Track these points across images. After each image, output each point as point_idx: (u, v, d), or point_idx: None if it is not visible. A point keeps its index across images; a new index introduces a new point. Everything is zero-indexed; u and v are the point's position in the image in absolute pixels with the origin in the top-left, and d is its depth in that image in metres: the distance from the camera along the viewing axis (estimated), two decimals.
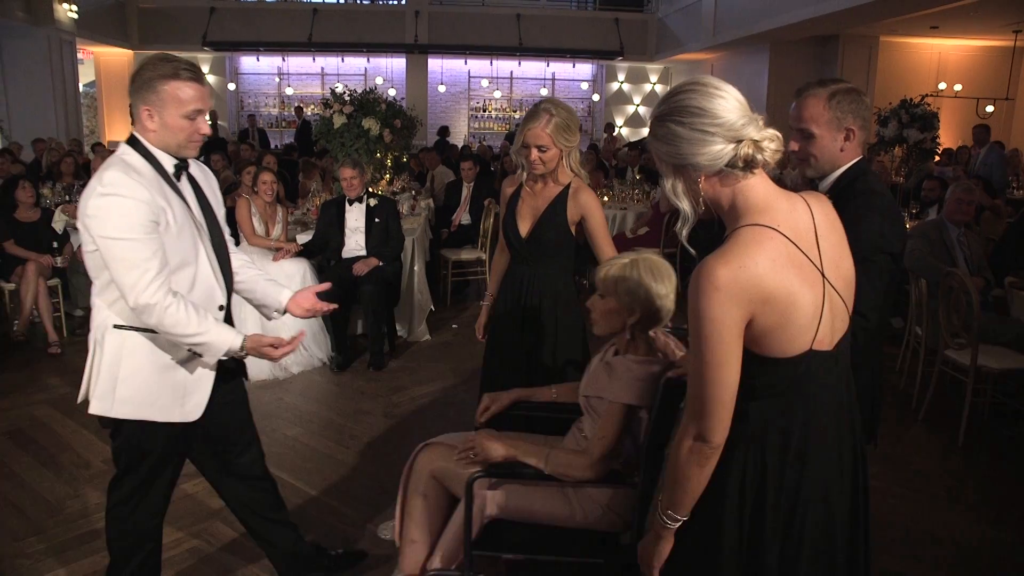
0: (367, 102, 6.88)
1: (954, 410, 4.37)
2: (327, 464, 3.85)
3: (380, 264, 5.44)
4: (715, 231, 1.56)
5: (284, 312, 2.57)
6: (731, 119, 1.45)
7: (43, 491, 3.55)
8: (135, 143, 2.19)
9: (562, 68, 17.42)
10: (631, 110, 17.67)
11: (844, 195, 2.18)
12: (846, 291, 1.58)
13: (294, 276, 5.33)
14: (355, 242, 5.61)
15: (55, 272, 5.92)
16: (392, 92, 12.70)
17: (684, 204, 1.54)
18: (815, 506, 1.56)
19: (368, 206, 5.60)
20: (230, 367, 2.41)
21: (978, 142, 10.01)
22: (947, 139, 12.24)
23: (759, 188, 1.51)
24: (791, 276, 1.46)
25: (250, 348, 2.24)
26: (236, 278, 2.48)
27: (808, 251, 1.50)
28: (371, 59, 16.72)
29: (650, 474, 2.14)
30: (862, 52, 12.53)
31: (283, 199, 6.42)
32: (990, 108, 12.60)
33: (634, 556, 1.76)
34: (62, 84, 12.22)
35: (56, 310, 5.83)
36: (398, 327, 5.95)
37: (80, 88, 13.52)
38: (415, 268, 6.06)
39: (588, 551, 2.24)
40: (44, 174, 9.07)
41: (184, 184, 2.27)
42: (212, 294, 2.32)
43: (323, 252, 5.70)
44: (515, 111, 17.49)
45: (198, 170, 2.38)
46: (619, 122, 17.41)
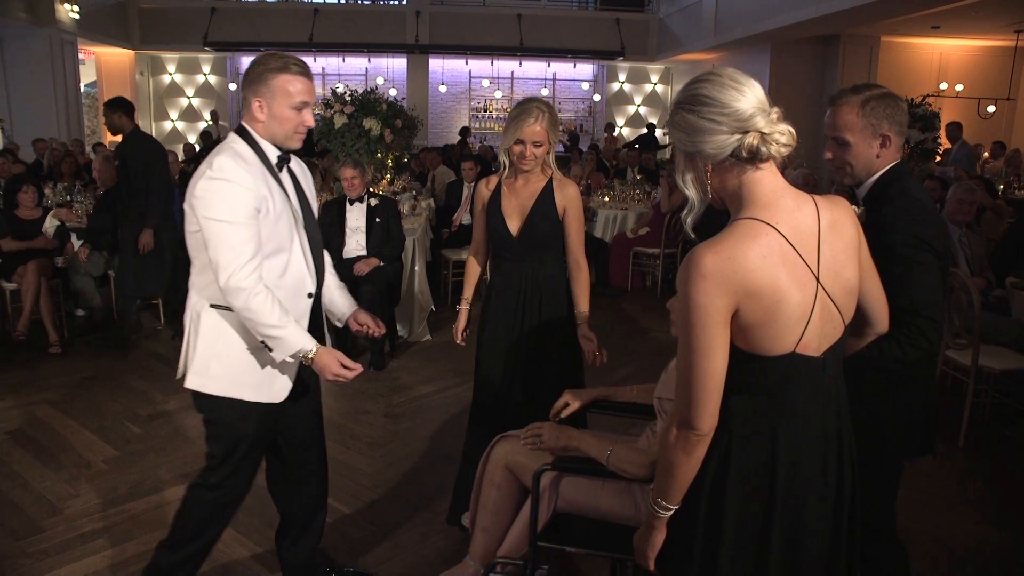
0: (368, 102, 6.88)
1: (955, 410, 4.37)
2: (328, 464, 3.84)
3: (381, 264, 5.44)
4: (724, 222, 1.56)
5: (343, 323, 2.70)
6: (739, 109, 1.46)
7: (44, 491, 3.55)
8: (244, 133, 2.31)
9: (563, 68, 17.42)
10: (632, 110, 17.66)
11: (879, 200, 2.17)
12: (844, 300, 1.56)
13: None
14: (356, 242, 5.61)
15: (56, 272, 5.92)
16: (393, 92, 12.70)
17: (691, 192, 1.57)
18: (786, 516, 1.55)
19: (369, 206, 5.59)
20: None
21: (951, 139, 10.13)
22: (948, 140, 12.23)
23: (765, 182, 1.51)
24: (780, 274, 1.46)
25: (318, 358, 2.30)
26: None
27: (804, 252, 1.50)
28: (372, 59, 16.72)
29: None
30: (863, 52, 12.52)
31: None
32: (991, 108, 12.59)
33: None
34: (63, 84, 12.22)
35: (57, 310, 5.83)
36: (399, 327, 5.95)
37: (81, 88, 13.53)
38: (416, 268, 6.05)
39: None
40: (45, 174, 9.08)
41: (285, 175, 2.38)
42: (303, 282, 2.41)
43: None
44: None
45: (297, 166, 2.50)
46: (620, 122, 17.41)
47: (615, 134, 15.45)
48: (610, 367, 3.44)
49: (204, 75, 16.89)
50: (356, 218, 5.61)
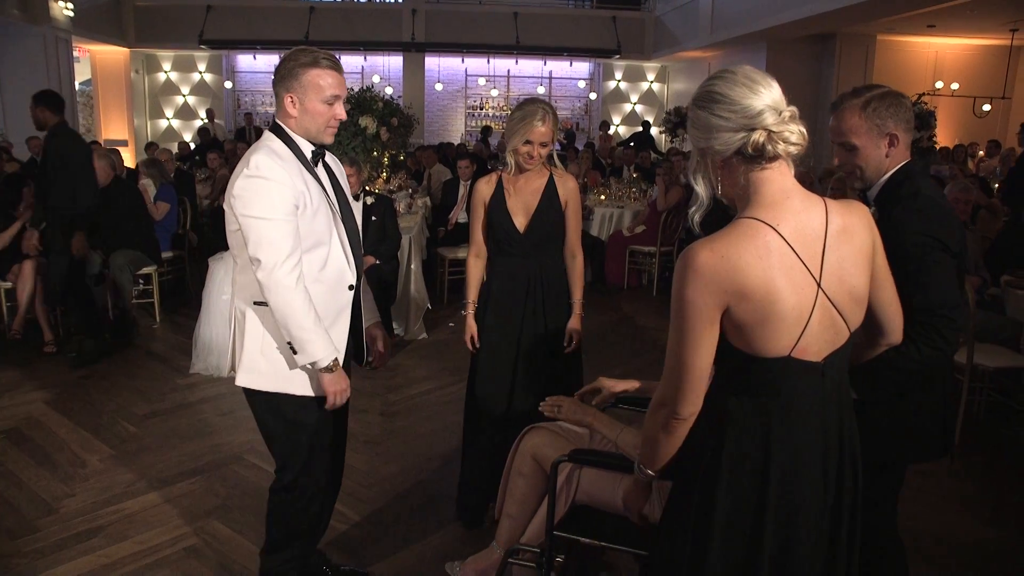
0: (364, 100, 6.87)
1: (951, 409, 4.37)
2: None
3: (377, 262, 5.43)
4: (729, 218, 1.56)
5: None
6: (748, 105, 1.46)
7: (39, 490, 3.54)
8: (278, 130, 2.34)
9: (559, 66, 17.39)
10: (628, 108, 17.65)
11: (889, 201, 2.13)
12: (849, 306, 1.55)
13: None
14: None
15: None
16: (389, 90, 12.67)
17: (700, 188, 1.58)
18: (779, 519, 1.54)
19: (365, 204, 5.59)
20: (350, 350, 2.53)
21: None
22: (944, 138, 12.26)
23: (773, 182, 1.50)
24: (775, 276, 1.45)
25: (336, 373, 2.32)
26: None
27: (806, 256, 1.49)
28: (368, 57, 16.68)
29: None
30: (859, 51, 12.53)
31: None
32: (987, 107, 12.61)
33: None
34: (58, 82, 12.16)
35: (52, 309, 5.80)
36: (395, 325, 5.95)
37: (76, 86, 13.48)
38: (412, 267, 6.05)
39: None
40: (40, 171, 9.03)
41: (320, 170, 2.42)
42: (343, 274, 2.43)
43: None
44: (512, 109, 17.42)
45: (332, 160, 2.53)
46: (616, 120, 17.40)
47: (610, 132, 15.45)
48: (607, 364, 3.46)
49: (200, 73, 16.84)
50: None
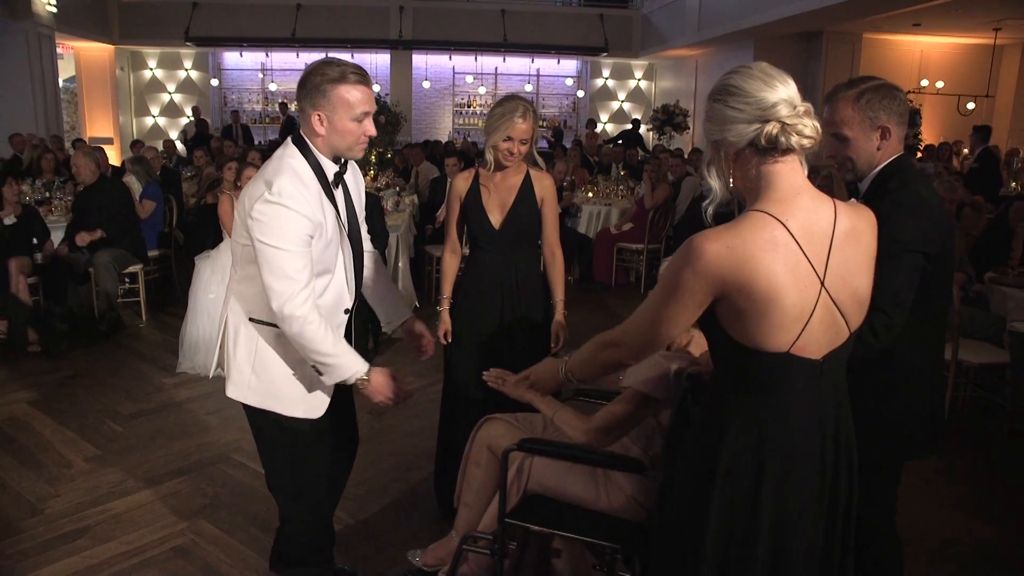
0: None
1: None
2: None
3: None
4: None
5: (395, 328, 2.74)
6: (763, 98, 1.48)
7: (23, 491, 3.51)
8: (303, 147, 2.23)
9: (547, 64, 17.39)
10: (616, 106, 17.67)
11: (877, 194, 2.12)
12: (851, 307, 1.55)
13: None
14: None
15: (35, 269, 5.85)
16: (376, 88, 12.66)
17: (714, 181, 1.58)
18: (774, 515, 1.54)
19: None
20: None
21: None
22: (929, 135, 12.35)
23: (784, 176, 1.51)
24: (778, 271, 1.45)
25: (372, 380, 2.29)
26: (367, 280, 2.62)
27: (812, 255, 1.49)
28: (355, 55, 16.57)
29: (670, 469, 2.15)
30: (845, 49, 12.59)
31: None
32: (971, 105, 12.70)
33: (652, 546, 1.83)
34: (41, 79, 12.06)
35: (36, 308, 5.76)
36: (382, 323, 5.91)
37: (60, 83, 13.37)
38: (399, 264, 6.04)
39: (608, 535, 2.29)
40: (24, 169, 8.97)
41: (339, 192, 2.33)
42: (340, 299, 2.40)
43: None
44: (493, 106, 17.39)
45: (351, 173, 2.44)
46: (604, 118, 17.43)
47: (596, 130, 15.46)
48: None
49: (186, 71, 16.74)
50: None
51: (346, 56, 16.46)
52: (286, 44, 15.52)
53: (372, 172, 7.52)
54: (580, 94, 17.56)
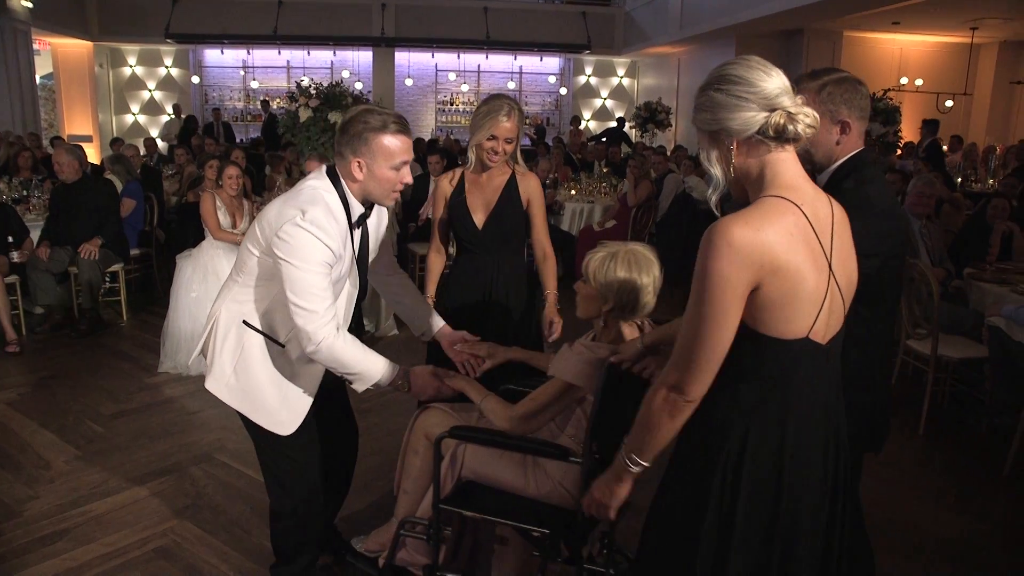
0: (333, 95, 6.83)
1: (916, 399, 4.46)
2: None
3: None
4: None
5: (431, 338, 2.79)
6: (767, 88, 1.50)
7: (1, 493, 3.47)
8: (337, 184, 2.30)
9: (529, 62, 17.39)
10: (598, 103, 17.70)
11: (833, 192, 1.99)
12: (848, 291, 1.59)
13: None
14: None
15: (12, 268, 5.78)
16: (359, 85, 12.62)
17: (716, 170, 1.57)
18: (790, 502, 1.55)
19: None
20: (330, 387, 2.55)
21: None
22: (908, 133, 12.46)
23: (789, 165, 1.53)
24: (803, 254, 1.47)
25: (413, 383, 2.41)
26: (383, 287, 2.80)
27: (823, 239, 1.52)
28: (337, 52, 16.55)
29: (591, 456, 2.20)
30: (826, 47, 12.67)
31: (250, 193, 6.34)
32: (949, 103, 12.83)
33: (581, 531, 1.79)
34: (17, 76, 11.91)
35: (14, 308, 5.70)
36: (365, 322, 5.91)
37: (37, 80, 13.21)
38: None
39: (538, 521, 2.34)
40: (0, 167, 8.86)
41: (357, 231, 2.41)
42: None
43: None
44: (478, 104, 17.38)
45: (375, 214, 2.51)
46: (587, 115, 17.45)
47: (580, 127, 15.48)
48: None
49: (166, 68, 16.59)
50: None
51: (328, 53, 16.44)
52: (268, 41, 15.41)
53: None
54: (563, 91, 17.57)
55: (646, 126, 13.84)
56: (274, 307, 2.35)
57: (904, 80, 12.78)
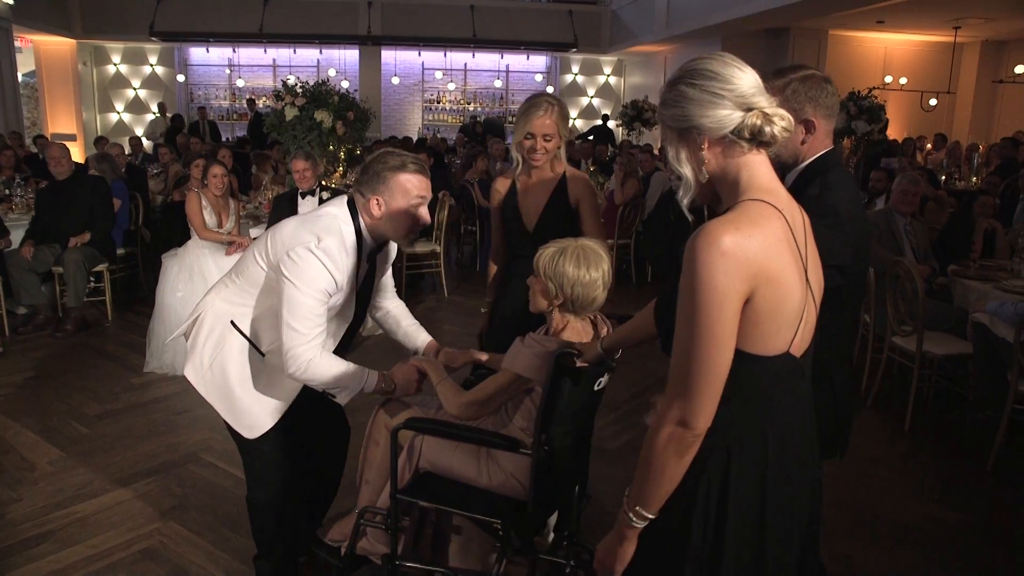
0: (320, 94, 6.80)
1: (901, 395, 4.48)
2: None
3: None
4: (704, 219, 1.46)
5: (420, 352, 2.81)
6: (742, 86, 1.40)
7: None
8: (356, 217, 2.37)
9: (516, 60, 17.40)
10: (585, 102, 17.73)
11: (799, 196, 1.90)
12: (819, 303, 1.50)
13: None
14: None
15: None
16: (345, 84, 12.57)
17: (686, 170, 1.46)
18: (776, 526, 1.46)
19: (321, 199, 5.53)
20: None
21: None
22: (893, 131, 12.55)
23: (764, 169, 1.43)
24: (789, 264, 1.37)
25: (397, 385, 2.46)
26: (383, 316, 2.81)
27: (800, 246, 1.43)
28: (324, 50, 16.50)
29: (540, 447, 2.23)
30: (812, 45, 12.74)
31: (236, 192, 6.32)
32: (933, 101, 12.93)
33: (534, 522, 1.76)
34: None
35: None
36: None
37: (19, 78, 13.09)
38: None
39: (492, 511, 2.36)
40: None
41: (364, 265, 2.47)
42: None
43: None
44: (469, 103, 17.43)
45: (384, 250, 2.60)
46: (573, 114, 17.47)
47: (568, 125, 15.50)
48: None
49: (151, 66, 16.49)
50: (308, 211, 5.54)
51: (314, 51, 16.38)
52: (254, 39, 15.35)
53: (341, 169, 7.46)
54: (550, 90, 17.56)
55: (632, 124, 13.87)
56: (264, 318, 2.40)
57: (888, 79, 12.87)
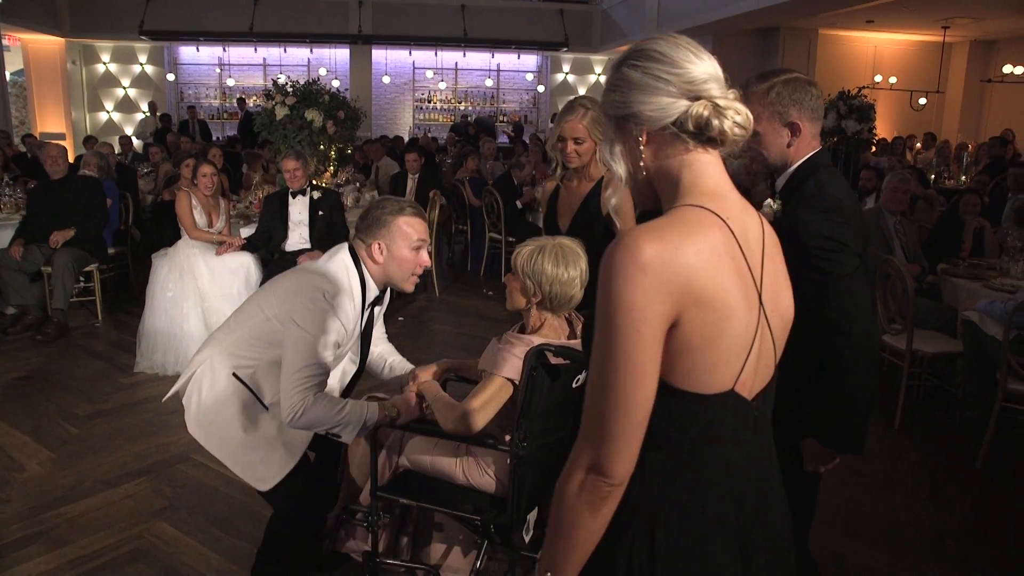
0: (310, 93, 6.78)
1: (891, 393, 4.51)
2: None
3: None
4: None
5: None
6: (692, 72, 1.18)
7: None
8: (359, 267, 2.44)
9: (507, 59, 17.38)
10: None
11: (793, 198, 2.04)
12: (780, 333, 1.25)
13: (238, 271, 5.24)
14: (299, 235, 5.53)
15: None
16: (336, 83, 12.53)
17: (619, 168, 1.25)
18: None
19: (311, 199, 5.52)
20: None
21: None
22: (883, 130, 12.60)
23: (712, 170, 1.20)
24: (731, 282, 1.13)
25: (400, 415, 2.42)
26: (377, 359, 2.84)
27: (752, 264, 1.19)
28: (314, 50, 16.45)
29: (518, 442, 2.23)
30: (802, 44, 12.79)
31: (226, 192, 6.29)
32: (923, 100, 12.99)
33: (513, 518, 1.71)
34: None
35: None
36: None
37: (8, 77, 13.00)
38: None
39: (471, 508, 2.39)
40: None
41: (367, 311, 2.53)
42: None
43: (266, 246, 5.60)
44: (460, 102, 17.40)
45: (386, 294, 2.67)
46: None
47: None
48: None
49: (140, 65, 16.40)
50: (299, 211, 5.53)
51: (305, 51, 16.34)
52: (244, 38, 15.28)
53: (332, 168, 7.45)
54: (540, 89, 17.57)
55: None
56: (267, 369, 2.42)
57: (878, 78, 12.92)
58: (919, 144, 12.12)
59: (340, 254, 2.44)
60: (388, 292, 2.69)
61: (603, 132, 1.30)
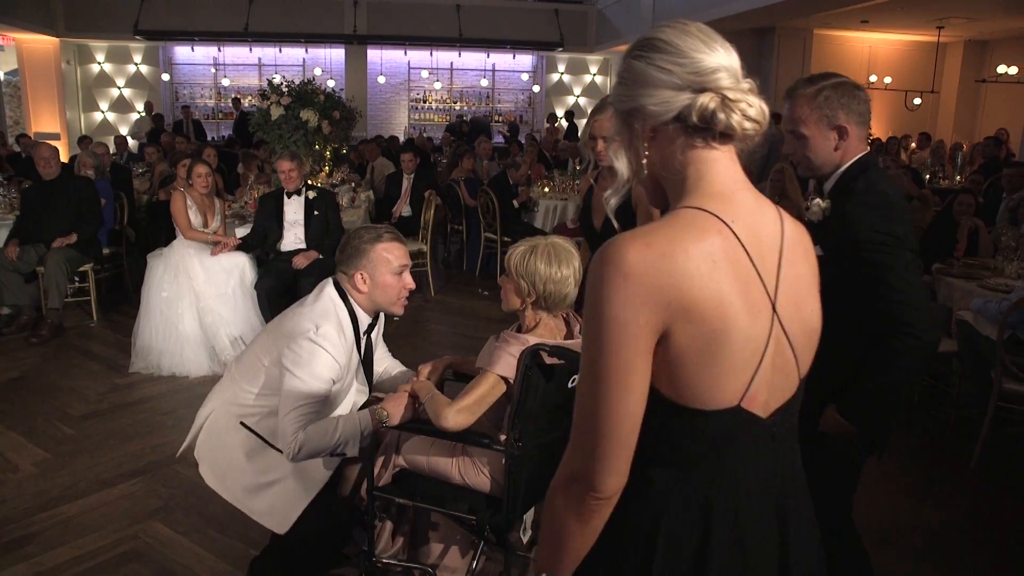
0: (305, 93, 6.79)
1: None
2: None
3: (320, 257, 5.36)
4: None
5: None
6: (700, 61, 1.09)
7: None
8: (346, 300, 2.46)
9: (502, 59, 17.38)
10: (571, 101, 17.73)
11: (843, 196, 2.08)
12: (802, 343, 1.16)
13: (232, 271, 5.22)
14: (294, 235, 5.53)
15: None
16: (331, 83, 12.53)
17: (620, 163, 1.18)
18: None
19: (307, 199, 5.51)
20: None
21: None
22: (878, 130, 12.63)
23: (720, 168, 1.13)
24: (730, 291, 1.06)
25: (391, 420, 2.41)
26: (388, 380, 2.83)
27: (763, 270, 1.11)
28: (309, 49, 16.43)
29: (513, 442, 2.23)
30: (797, 45, 12.82)
31: (221, 192, 6.28)
32: (917, 100, 13.02)
33: (509, 518, 1.72)
34: None
35: None
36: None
37: (1, 77, 12.96)
38: None
39: (467, 508, 2.40)
40: None
41: (364, 340, 2.56)
42: None
43: (261, 246, 5.59)
44: (455, 102, 17.40)
45: (379, 322, 2.69)
46: (560, 113, 17.47)
47: (556, 125, 15.51)
48: None
49: (135, 65, 16.35)
50: (294, 211, 5.53)
51: (300, 50, 16.32)
52: (239, 38, 15.25)
53: (327, 168, 7.45)
54: (536, 89, 17.58)
55: None
56: (275, 415, 2.43)
57: (873, 78, 12.95)
58: (914, 144, 12.15)
59: (326, 289, 2.46)
60: (381, 316, 2.70)
61: (612, 128, 1.23)
